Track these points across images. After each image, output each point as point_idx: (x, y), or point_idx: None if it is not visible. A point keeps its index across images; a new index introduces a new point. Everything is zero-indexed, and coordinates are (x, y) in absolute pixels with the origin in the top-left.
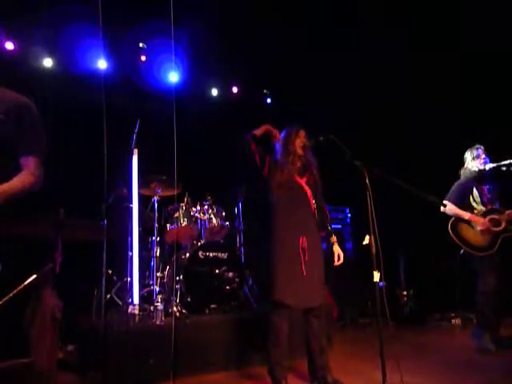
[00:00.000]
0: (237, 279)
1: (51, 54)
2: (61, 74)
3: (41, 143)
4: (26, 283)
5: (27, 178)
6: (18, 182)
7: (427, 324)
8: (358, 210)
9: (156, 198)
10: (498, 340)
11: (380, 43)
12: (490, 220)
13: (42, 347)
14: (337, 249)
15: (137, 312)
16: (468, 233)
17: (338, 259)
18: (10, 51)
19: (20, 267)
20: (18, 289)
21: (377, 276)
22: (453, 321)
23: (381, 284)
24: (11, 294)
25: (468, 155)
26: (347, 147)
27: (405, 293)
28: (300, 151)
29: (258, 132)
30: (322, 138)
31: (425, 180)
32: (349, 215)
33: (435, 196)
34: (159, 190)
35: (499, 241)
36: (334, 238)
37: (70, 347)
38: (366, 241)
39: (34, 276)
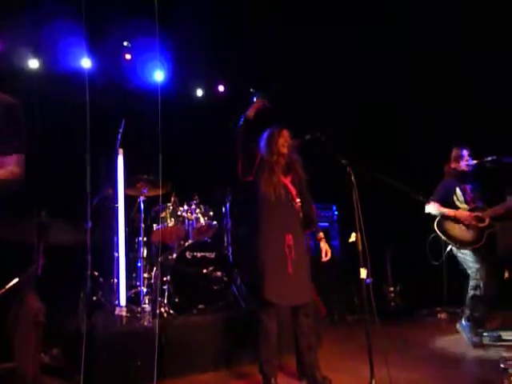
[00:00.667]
0: (225, 279)
1: (35, 54)
2: (45, 74)
3: (23, 142)
4: (7, 287)
5: (10, 169)
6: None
7: (414, 319)
8: (345, 208)
9: (142, 198)
10: (484, 334)
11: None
12: (475, 217)
13: (25, 351)
14: (324, 245)
15: (124, 314)
16: (454, 229)
17: (326, 255)
18: None
19: (2, 271)
20: (0, 292)
21: (364, 273)
22: (439, 315)
23: (368, 281)
24: None
25: (453, 155)
26: (335, 145)
27: (392, 289)
28: (284, 150)
29: (251, 113)
30: (308, 137)
31: (412, 178)
32: (336, 213)
33: (422, 194)
34: (145, 190)
35: (485, 236)
36: (321, 235)
37: (55, 351)
38: (353, 238)
39: (16, 279)
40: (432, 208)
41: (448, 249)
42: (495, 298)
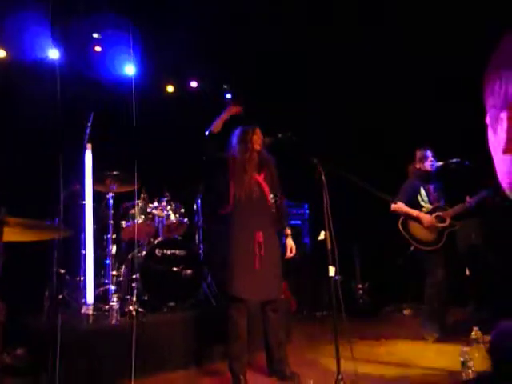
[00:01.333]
0: (195, 276)
1: (1, 43)
2: (11, 65)
3: None
4: None
5: None
6: None
7: (381, 315)
8: (316, 207)
9: (111, 195)
10: (443, 328)
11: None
12: (436, 217)
13: None
14: (290, 242)
15: (91, 312)
16: (416, 230)
17: (291, 251)
18: None
19: None
20: None
21: (332, 270)
22: (404, 312)
23: (336, 278)
24: None
25: (417, 156)
26: (306, 144)
27: (360, 286)
28: (258, 147)
29: (217, 127)
30: (280, 136)
31: (380, 178)
32: (307, 211)
33: (388, 194)
34: (114, 187)
35: (444, 236)
36: (288, 231)
37: (19, 351)
38: (322, 236)
39: None
40: (397, 207)
41: (412, 248)
42: (452, 295)
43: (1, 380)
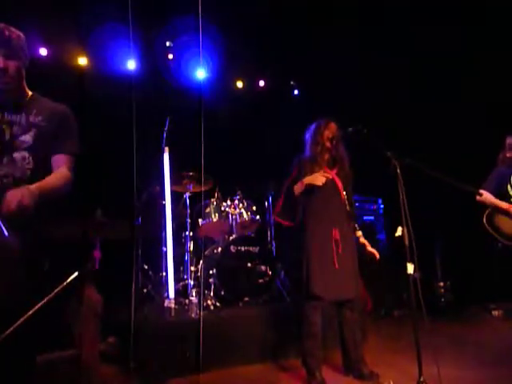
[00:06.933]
0: (269, 272)
1: (84, 55)
2: (92, 75)
3: (74, 145)
4: (68, 280)
5: (61, 175)
6: (53, 179)
7: (465, 316)
8: (391, 201)
9: (188, 194)
10: None
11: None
12: None
13: (85, 341)
14: (364, 240)
15: (173, 306)
16: (505, 224)
17: (374, 255)
18: (44, 57)
19: (62, 266)
20: (61, 286)
21: (411, 268)
22: (493, 312)
23: (415, 275)
24: (55, 292)
25: (506, 143)
26: (378, 137)
27: (441, 284)
28: (328, 144)
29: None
30: (351, 129)
31: (459, 168)
32: (382, 206)
33: (470, 184)
34: (190, 187)
35: None
36: (358, 233)
37: (111, 339)
38: (399, 232)
39: (76, 274)
40: (484, 198)
41: (499, 244)
42: None
43: (99, 366)
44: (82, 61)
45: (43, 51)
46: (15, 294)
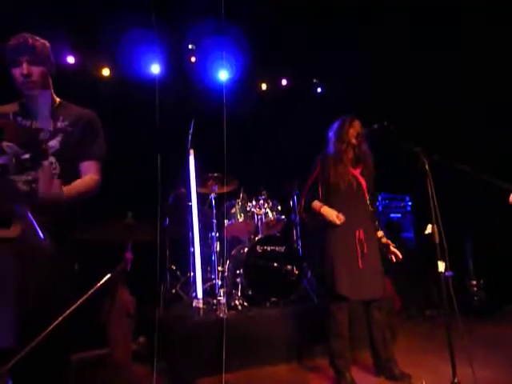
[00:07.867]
0: (295, 272)
1: (107, 63)
2: (116, 81)
3: (101, 149)
4: (101, 282)
5: (89, 179)
6: (80, 183)
7: (499, 315)
8: (419, 198)
9: (213, 195)
10: None
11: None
12: None
13: (117, 340)
14: (386, 240)
15: (201, 305)
16: None
17: (396, 255)
18: (71, 65)
19: (96, 267)
20: (95, 288)
21: (442, 266)
22: None
23: (448, 274)
24: (89, 293)
25: None
26: (405, 134)
27: (474, 282)
28: (353, 141)
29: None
30: (376, 126)
31: (490, 164)
32: (409, 203)
33: (503, 181)
34: (215, 188)
35: None
36: (380, 233)
37: (142, 338)
38: (429, 230)
39: (109, 275)
40: None
41: None
42: None
43: (131, 365)
44: (106, 71)
45: (70, 59)
46: (49, 295)
